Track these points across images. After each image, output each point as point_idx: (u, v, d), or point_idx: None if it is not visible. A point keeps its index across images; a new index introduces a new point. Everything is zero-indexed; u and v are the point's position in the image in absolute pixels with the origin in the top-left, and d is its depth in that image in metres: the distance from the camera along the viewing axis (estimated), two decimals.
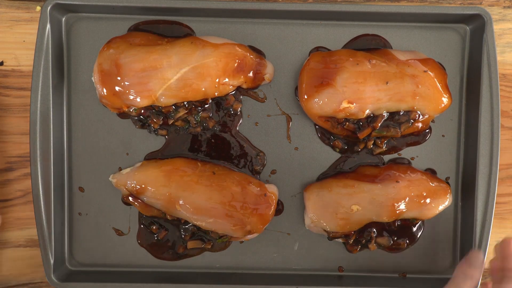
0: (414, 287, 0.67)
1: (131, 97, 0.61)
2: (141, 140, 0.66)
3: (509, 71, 0.69)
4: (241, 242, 0.67)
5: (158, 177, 0.62)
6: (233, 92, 0.65)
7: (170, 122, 0.64)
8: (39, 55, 0.62)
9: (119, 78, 0.61)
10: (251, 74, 0.64)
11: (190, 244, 0.65)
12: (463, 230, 0.67)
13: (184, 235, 0.65)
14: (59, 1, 0.62)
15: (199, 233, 0.65)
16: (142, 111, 0.63)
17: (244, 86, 0.65)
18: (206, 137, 0.66)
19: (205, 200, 0.62)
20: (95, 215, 0.67)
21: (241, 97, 0.66)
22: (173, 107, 0.63)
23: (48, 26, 0.62)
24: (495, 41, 0.63)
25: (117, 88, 0.61)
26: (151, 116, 0.64)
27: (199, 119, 0.65)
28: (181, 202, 0.62)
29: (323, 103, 0.62)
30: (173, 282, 0.65)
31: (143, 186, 0.62)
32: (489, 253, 0.66)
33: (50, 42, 0.62)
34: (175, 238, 0.66)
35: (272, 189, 0.64)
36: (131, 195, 0.64)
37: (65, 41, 0.66)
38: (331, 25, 0.67)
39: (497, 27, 0.68)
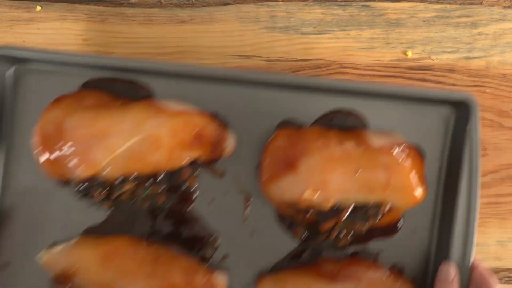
0: None
1: (72, 166, 0.56)
2: (82, 211, 0.60)
3: (509, 71, 0.68)
4: None
5: (93, 260, 0.56)
6: (188, 165, 0.59)
7: (114, 196, 0.58)
8: None
9: (60, 144, 0.55)
10: (209, 147, 0.58)
11: None
12: None
13: None
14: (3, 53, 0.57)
15: None
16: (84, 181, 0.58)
17: (201, 160, 0.59)
18: (154, 214, 0.60)
19: None
20: None
21: (197, 170, 0.61)
22: (120, 178, 0.57)
23: None
24: (479, 133, 0.58)
25: (56, 155, 0.55)
26: (92, 188, 0.58)
27: (147, 194, 0.59)
28: None
29: (284, 190, 0.57)
30: None
31: (74, 270, 0.56)
32: None
33: None
34: None
35: (219, 280, 0.58)
36: (63, 275, 0.58)
37: (9, 95, 0.60)
38: (305, 96, 0.61)
39: (497, 27, 0.67)
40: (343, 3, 0.67)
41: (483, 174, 0.69)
